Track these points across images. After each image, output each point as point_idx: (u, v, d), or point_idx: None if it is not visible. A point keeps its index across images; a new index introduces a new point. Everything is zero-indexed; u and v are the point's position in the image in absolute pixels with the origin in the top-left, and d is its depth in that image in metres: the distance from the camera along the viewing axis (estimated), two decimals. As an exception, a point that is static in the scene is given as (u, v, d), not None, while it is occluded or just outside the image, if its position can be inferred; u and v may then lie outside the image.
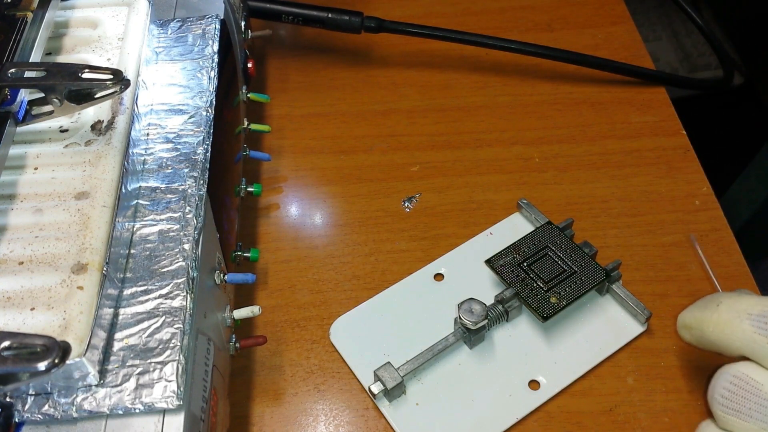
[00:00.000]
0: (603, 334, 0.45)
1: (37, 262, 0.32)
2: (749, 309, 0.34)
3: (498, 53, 0.60)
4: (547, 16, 0.67)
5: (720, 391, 0.35)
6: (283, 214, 0.54)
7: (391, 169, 0.56)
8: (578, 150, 0.57)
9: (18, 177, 0.36)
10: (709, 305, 0.36)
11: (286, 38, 0.68)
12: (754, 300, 0.35)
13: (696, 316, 0.36)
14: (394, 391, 0.42)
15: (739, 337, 0.34)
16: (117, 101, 0.38)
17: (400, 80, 0.63)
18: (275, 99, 0.61)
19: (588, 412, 0.43)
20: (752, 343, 0.33)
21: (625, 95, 0.60)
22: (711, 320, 0.35)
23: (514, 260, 0.46)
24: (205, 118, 0.41)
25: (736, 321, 0.34)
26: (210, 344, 0.36)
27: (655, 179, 0.54)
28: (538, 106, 0.60)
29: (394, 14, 0.61)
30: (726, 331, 0.34)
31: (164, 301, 0.33)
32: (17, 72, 0.35)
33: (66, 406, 0.30)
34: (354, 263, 0.50)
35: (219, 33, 0.45)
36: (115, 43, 0.42)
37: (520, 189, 0.54)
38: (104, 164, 0.36)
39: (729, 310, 0.35)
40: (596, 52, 0.61)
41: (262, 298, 0.49)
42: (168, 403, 0.30)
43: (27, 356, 0.26)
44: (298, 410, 0.44)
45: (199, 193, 0.37)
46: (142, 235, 0.36)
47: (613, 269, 0.45)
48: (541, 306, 0.44)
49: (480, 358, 0.44)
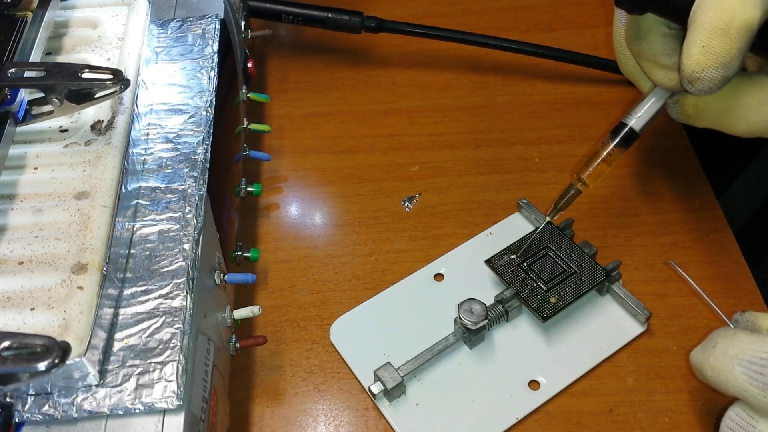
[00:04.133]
0: (603, 334, 0.45)
1: (37, 262, 0.32)
2: (740, 354, 0.33)
3: (498, 53, 0.60)
4: (547, 16, 0.67)
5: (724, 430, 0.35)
6: (283, 214, 0.54)
7: (391, 169, 0.56)
8: (578, 150, 0.57)
9: (18, 177, 0.36)
10: (707, 347, 0.35)
11: (286, 38, 0.68)
12: (746, 342, 0.34)
13: (698, 359, 0.36)
14: (394, 391, 0.42)
15: (732, 384, 0.34)
16: (117, 101, 0.38)
17: (400, 80, 0.63)
18: (275, 99, 0.61)
19: (588, 412, 0.43)
20: (744, 393, 0.33)
21: (625, 95, 0.60)
22: (708, 364, 0.35)
23: (514, 260, 0.46)
24: (205, 118, 0.41)
25: (729, 367, 0.34)
26: (210, 344, 0.36)
27: (655, 179, 0.54)
28: (538, 106, 0.60)
29: (394, 14, 0.61)
30: (721, 377, 0.34)
31: (164, 301, 0.33)
32: (17, 72, 0.35)
33: (66, 406, 0.30)
34: (354, 263, 0.50)
35: (219, 33, 0.45)
36: (115, 43, 0.42)
37: (520, 189, 0.54)
38: (104, 164, 0.36)
39: (723, 355, 0.34)
40: (596, 52, 0.61)
41: (262, 298, 0.49)
42: (168, 403, 0.30)
43: (27, 356, 0.26)
44: (298, 410, 0.44)
45: (199, 193, 0.37)
46: (142, 235, 0.36)
47: (613, 269, 0.45)
48: (541, 306, 0.44)
49: (480, 358, 0.44)
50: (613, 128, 0.43)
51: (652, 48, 0.39)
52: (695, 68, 0.34)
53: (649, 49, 0.39)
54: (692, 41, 0.33)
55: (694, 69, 0.34)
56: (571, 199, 0.44)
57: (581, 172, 0.43)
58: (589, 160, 0.43)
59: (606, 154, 0.43)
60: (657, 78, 0.39)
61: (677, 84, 0.39)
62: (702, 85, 0.34)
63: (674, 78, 0.39)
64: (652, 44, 0.39)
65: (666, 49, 0.38)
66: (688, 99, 0.39)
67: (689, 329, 0.46)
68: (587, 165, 0.43)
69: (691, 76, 0.34)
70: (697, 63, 0.33)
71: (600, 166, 0.43)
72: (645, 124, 0.42)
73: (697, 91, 0.35)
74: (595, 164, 0.43)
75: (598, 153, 0.43)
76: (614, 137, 0.43)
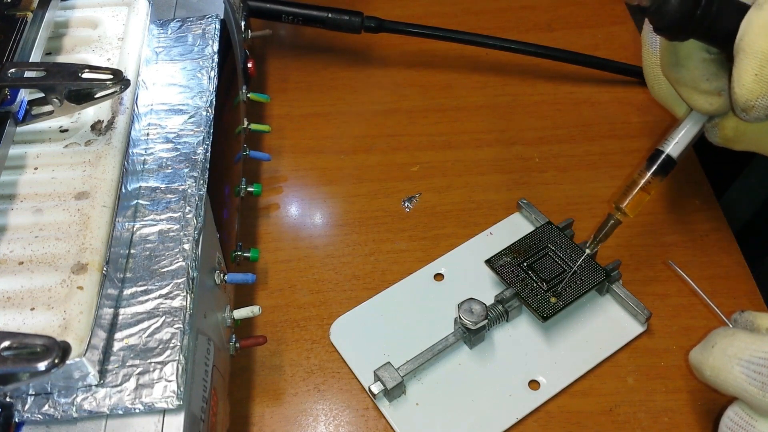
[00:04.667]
0: (603, 334, 0.45)
1: (37, 262, 0.32)
2: (739, 353, 0.34)
3: (498, 53, 0.60)
4: (547, 16, 0.67)
5: (723, 429, 0.35)
6: (283, 214, 0.54)
7: (391, 169, 0.56)
8: (578, 150, 0.57)
9: (18, 177, 0.36)
10: (706, 346, 0.36)
11: (286, 38, 0.68)
12: (745, 342, 0.34)
13: (697, 358, 0.36)
14: (394, 391, 0.42)
15: (731, 384, 0.34)
16: (117, 101, 0.38)
17: (400, 80, 0.63)
18: (275, 99, 0.61)
19: (588, 412, 0.43)
20: (743, 392, 0.33)
21: (625, 95, 0.60)
22: (707, 363, 0.35)
23: (514, 260, 0.46)
24: (205, 118, 0.41)
25: (727, 366, 0.34)
26: (210, 344, 0.36)
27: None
28: (538, 106, 0.60)
29: (394, 14, 0.61)
30: (720, 376, 0.34)
31: (164, 301, 0.33)
32: (17, 72, 0.35)
33: (66, 406, 0.30)
34: (354, 263, 0.50)
35: (219, 33, 0.45)
36: (115, 43, 0.42)
37: (520, 189, 0.54)
38: (104, 164, 0.36)
39: (722, 355, 0.34)
40: (596, 52, 0.61)
41: (262, 298, 0.49)
42: (168, 403, 0.30)
43: (27, 356, 0.26)
44: (298, 410, 0.44)
45: (199, 193, 0.37)
46: (142, 235, 0.36)
47: (613, 269, 0.45)
48: (541, 306, 0.44)
49: (480, 358, 0.44)
50: (649, 156, 0.42)
51: (691, 74, 0.38)
52: (749, 97, 0.33)
53: (688, 75, 0.38)
54: (744, 70, 0.33)
55: (749, 98, 0.33)
56: (611, 229, 0.43)
57: (620, 201, 0.42)
58: (627, 189, 0.42)
59: (643, 183, 0.42)
60: (697, 104, 0.39)
61: (718, 109, 0.38)
62: (758, 113, 0.34)
63: (715, 103, 0.38)
64: (691, 70, 0.38)
65: (706, 75, 0.37)
66: (728, 122, 0.39)
67: (689, 329, 0.46)
68: (625, 194, 0.42)
69: (745, 105, 0.33)
70: (751, 92, 0.33)
71: (639, 195, 0.42)
72: (683, 150, 0.41)
73: (753, 119, 0.34)
74: (633, 194, 0.42)
75: (636, 182, 0.42)
76: (651, 165, 0.42)
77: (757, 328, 0.36)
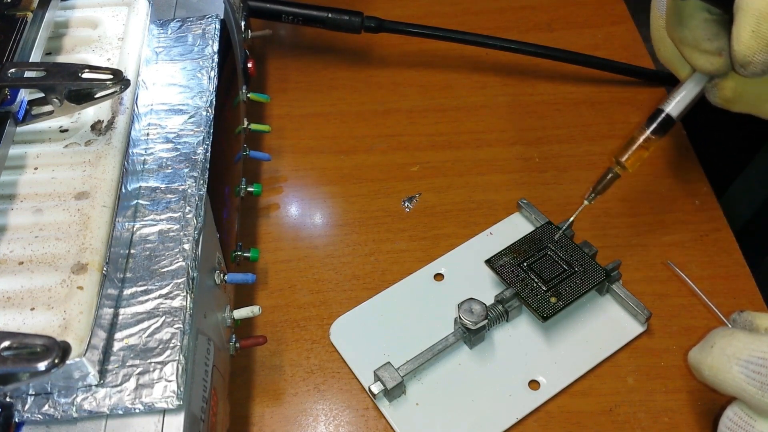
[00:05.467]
0: (603, 334, 0.45)
1: (37, 262, 0.32)
2: (738, 353, 0.34)
3: (498, 53, 0.60)
4: (547, 16, 0.67)
5: (722, 429, 0.35)
6: (283, 214, 0.54)
7: (391, 169, 0.56)
8: (578, 150, 0.57)
9: (18, 177, 0.36)
10: (705, 346, 0.36)
11: (286, 38, 0.68)
12: (743, 342, 0.34)
13: (696, 358, 0.36)
14: (394, 391, 0.42)
15: (730, 384, 0.34)
16: (117, 101, 0.38)
17: (400, 80, 0.63)
18: (275, 99, 0.61)
19: (588, 412, 0.43)
20: (742, 392, 0.33)
21: (625, 95, 0.60)
22: (706, 363, 0.35)
23: (514, 260, 0.46)
24: (205, 118, 0.41)
25: (726, 366, 0.34)
26: (210, 344, 0.36)
27: (655, 179, 0.54)
28: (538, 106, 0.60)
29: (394, 14, 0.61)
30: (719, 376, 0.34)
31: (164, 301, 0.33)
32: (17, 72, 0.35)
33: (66, 406, 0.30)
34: (354, 263, 0.50)
35: (219, 33, 0.45)
36: (115, 43, 0.42)
37: (520, 189, 0.54)
38: (104, 164, 0.36)
39: (720, 354, 0.34)
40: (596, 52, 0.61)
41: (262, 298, 0.49)
42: (168, 403, 0.30)
43: (27, 356, 0.26)
44: (298, 410, 0.44)
45: (199, 193, 0.37)
46: (142, 235, 0.36)
47: (613, 269, 0.45)
48: (541, 306, 0.44)
49: (480, 358, 0.45)
50: (650, 114, 0.43)
51: (693, 33, 0.39)
52: (746, 53, 0.34)
53: (690, 35, 0.39)
54: (742, 26, 0.34)
55: (746, 53, 0.34)
56: (609, 182, 0.44)
57: (619, 155, 0.44)
58: (627, 145, 0.43)
59: (643, 140, 0.43)
60: (698, 63, 0.39)
61: (718, 68, 0.39)
62: (755, 69, 0.35)
63: (716, 62, 0.39)
64: (693, 30, 0.39)
65: (707, 35, 0.38)
66: (728, 83, 0.40)
67: (689, 329, 0.46)
68: (625, 149, 0.43)
69: (743, 61, 0.34)
70: (748, 48, 0.34)
71: (638, 151, 0.43)
72: (682, 110, 0.42)
73: (750, 74, 0.35)
74: (632, 149, 0.43)
75: (635, 139, 0.43)
76: (651, 123, 0.43)
77: (756, 328, 0.36)
